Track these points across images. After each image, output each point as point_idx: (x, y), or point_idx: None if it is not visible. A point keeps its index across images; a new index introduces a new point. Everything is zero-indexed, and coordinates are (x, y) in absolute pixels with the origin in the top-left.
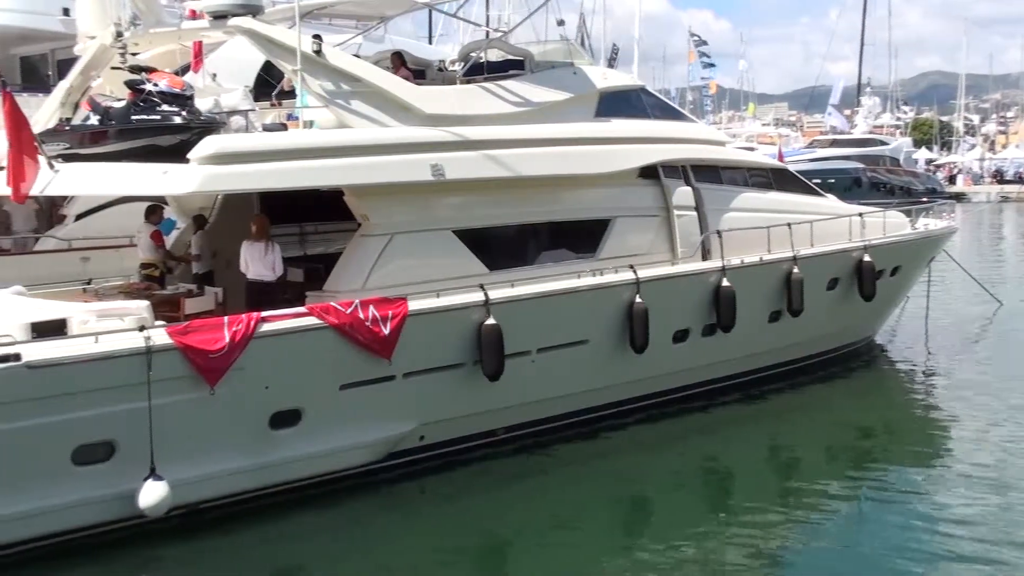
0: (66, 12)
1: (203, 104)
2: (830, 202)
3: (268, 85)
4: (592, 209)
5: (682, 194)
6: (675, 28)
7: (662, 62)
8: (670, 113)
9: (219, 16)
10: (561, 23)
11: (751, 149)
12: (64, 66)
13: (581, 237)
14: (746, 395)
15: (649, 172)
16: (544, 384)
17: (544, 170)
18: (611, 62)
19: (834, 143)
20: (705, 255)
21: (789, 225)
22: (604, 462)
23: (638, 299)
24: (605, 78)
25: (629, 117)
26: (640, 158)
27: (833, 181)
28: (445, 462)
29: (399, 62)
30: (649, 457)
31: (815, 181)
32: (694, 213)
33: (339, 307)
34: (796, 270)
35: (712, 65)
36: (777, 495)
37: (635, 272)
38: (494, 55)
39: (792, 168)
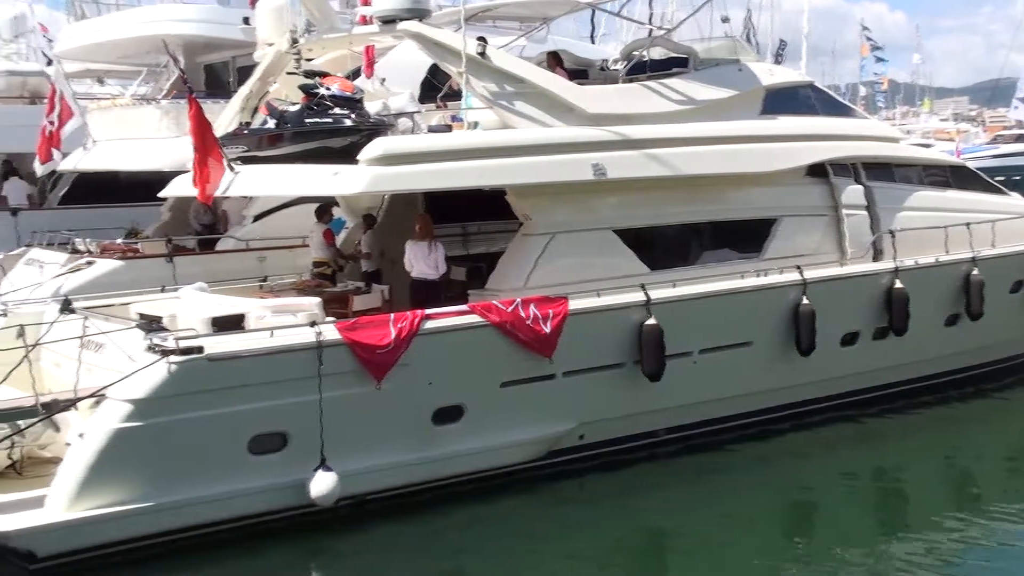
0: (246, 21)
1: (372, 107)
2: (1014, 200)
3: (434, 88)
4: (757, 208)
5: (852, 193)
6: (847, 21)
7: (832, 57)
8: (840, 109)
9: (388, 21)
10: (726, 20)
11: (927, 146)
12: (244, 73)
13: (745, 237)
14: (921, 401)
15: (817, 170)
16: (706, 385)
17: (707, 169)
18: (778, 58)
19: (1020, 138)
20: (877, 256)
21: (968, 225)
22: (768, 467)
23: (804, 300)
24: (771, 74)
25: (796, 114)
26: (807, 156)
27: (1019, 178)
28: (606, 462)
29: (555, 62)
30: (815, 463)
31: (998, 179)
32: (865, 212)
33: (500, 305)
34: (976, 272)
35: (884, 60)
36: (953, 508)
37: (801, 273)
38: (657, 53)
39: (973, 165)
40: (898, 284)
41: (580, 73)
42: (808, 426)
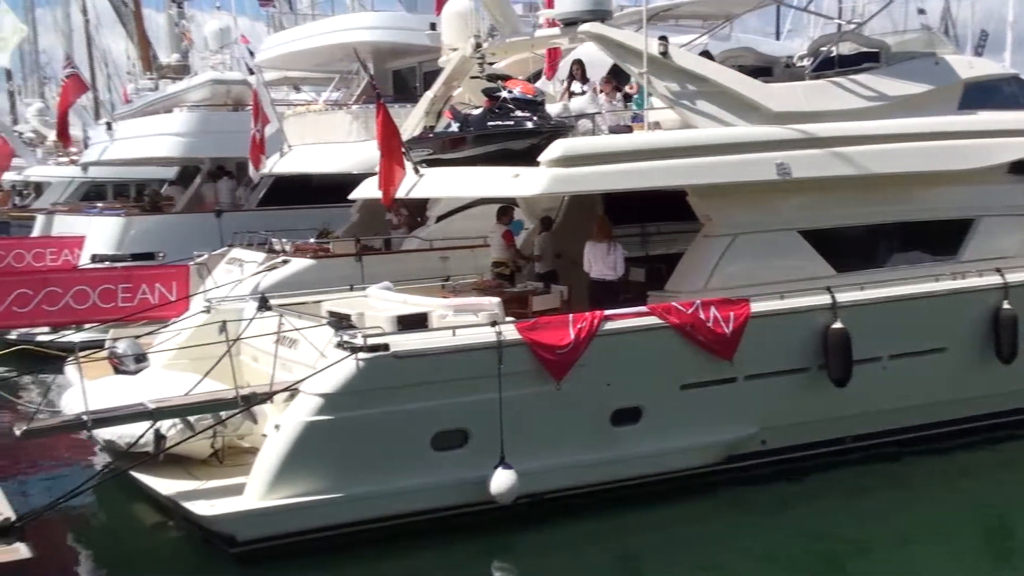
0: (433, 27)
1: (553, 109)
2: None
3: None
4: (953, 208)
5: None
6: None
7: None
8: None
9: (570, 23)
10: (922, 11)
11: None
12: (430, 77)
13: (940, 238)
14: None
15: (1021, 167)
16: (897, 393)
17: (899, 167)
18: (979, 50)
19: None
20: None
21: None
22: (963, 480)
23: (1006, 304)
24: (971, 67)
25: (998, 108)
26: (1009, 152)
27: None
28: (788, 468)
29: None
30: (1015, 478)
31: None
32: None
33: (680, 307)
34: None
35: None
36: None
37: (1002, 275)
38: (846, 48)
39: None
40: None
41: (765, 71)
42: (1007, 439)
